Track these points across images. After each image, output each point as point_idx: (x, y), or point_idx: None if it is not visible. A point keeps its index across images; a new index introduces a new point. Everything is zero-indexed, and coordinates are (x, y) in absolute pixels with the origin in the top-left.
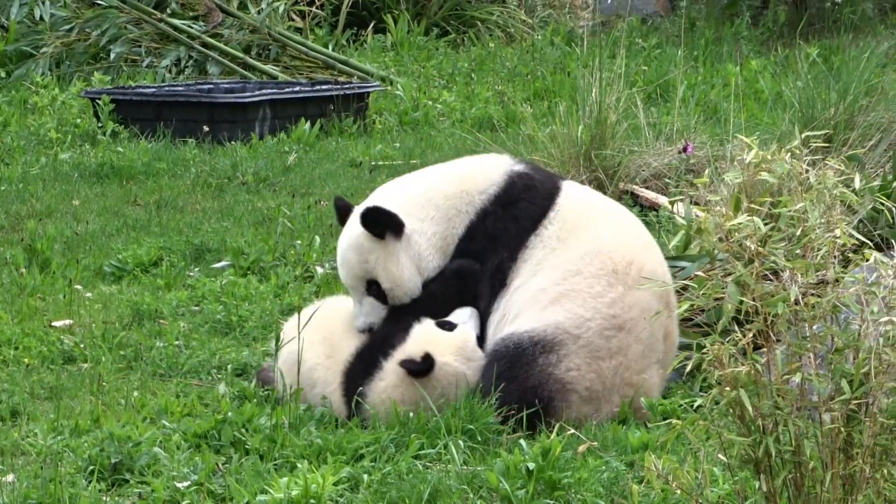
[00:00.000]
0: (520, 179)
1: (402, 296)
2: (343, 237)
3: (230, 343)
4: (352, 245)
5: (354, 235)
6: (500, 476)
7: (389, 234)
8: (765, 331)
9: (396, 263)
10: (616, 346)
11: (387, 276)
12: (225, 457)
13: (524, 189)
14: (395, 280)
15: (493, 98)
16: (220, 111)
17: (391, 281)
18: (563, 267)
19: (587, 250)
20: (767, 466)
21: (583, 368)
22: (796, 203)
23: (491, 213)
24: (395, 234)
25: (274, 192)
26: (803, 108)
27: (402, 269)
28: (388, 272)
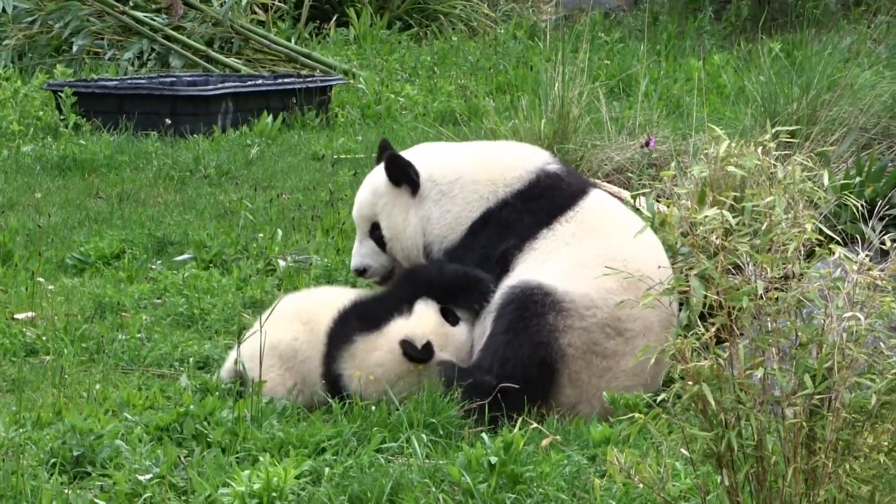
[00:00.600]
0: (547, 179)
1: (400, 250)
2: (369, 174)
3: (192, 336)
4: (370, 183)
5: (375, 175)
6: (463, 470)
7: (405, 186)
8: (728, 325)
9: (403, 217)
10: (611, 350)
11: (390, 224)
12: (187, 450)
13: (547, 188)
14: (395, 231)
15: (455, 92)
16: (183, 104)
17: (391, 230)
18: (575, 259)
19: (603, 252)
20: (729, 461)
21: (578, 352)
22: (763, 197)
23: (510, 204)
24: (410, 189)
25: (236, 186)
26: (766, 103)
27: (406, 225)
28: (391, 221)
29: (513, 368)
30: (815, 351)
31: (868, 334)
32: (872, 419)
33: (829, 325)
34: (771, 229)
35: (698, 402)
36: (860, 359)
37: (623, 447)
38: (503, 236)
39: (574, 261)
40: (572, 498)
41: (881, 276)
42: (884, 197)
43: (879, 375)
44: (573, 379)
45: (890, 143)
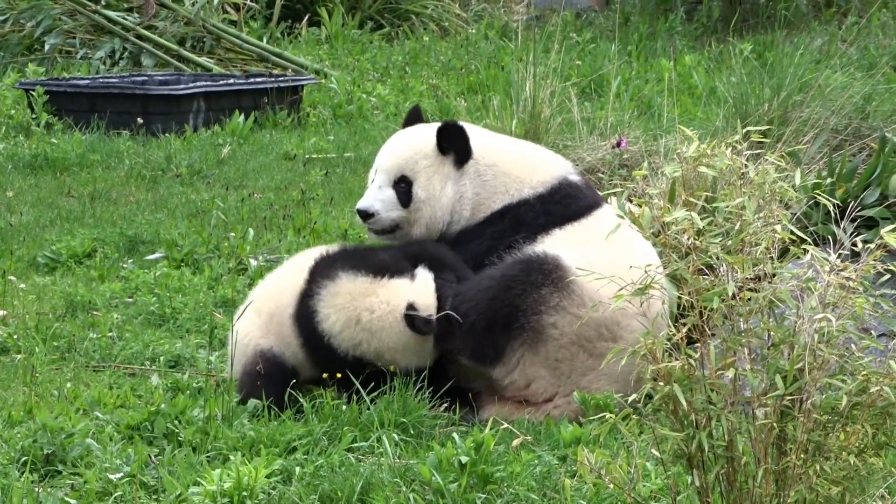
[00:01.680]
0: (567, 188)
1: (427, 215)
2: (410, 130)
3: (164, 334)
4: (411, 140)
5: (420, 135)
6: (433, 469)
7: (451, 156)
8: (700, 325)
9: (441, 185)
10: (600, 351)
11: (428, 187)
12: (158, 448)
13: (566, 196)
14: (431, 195)
15: (427, 92)
16: (155, 103)
17: (428, 192)
18: (587, 256)
19: (610, 256)
20: (700, 461)
21: (563, 339)
22: (735, 198)
23: (530, 204)
24: (457, 160)
25: (208, 185)
26: (737, 104)
27: (442, 194)
28: (430, 185)
29: (475, 313)
30: (787, 352)
31: (839, 335)
32: (843, 420)
33: (801, 325)
34: (743, 230)
35: (669, 402)
36: (831, 360)
37: (593, 447)
38: (515, 230)
39: (586, 257)
40: (543, 498)
41: (853, 277)
42: (855, 198)
43: (850, 376)
44: (553, 366)
45: (861, 145)
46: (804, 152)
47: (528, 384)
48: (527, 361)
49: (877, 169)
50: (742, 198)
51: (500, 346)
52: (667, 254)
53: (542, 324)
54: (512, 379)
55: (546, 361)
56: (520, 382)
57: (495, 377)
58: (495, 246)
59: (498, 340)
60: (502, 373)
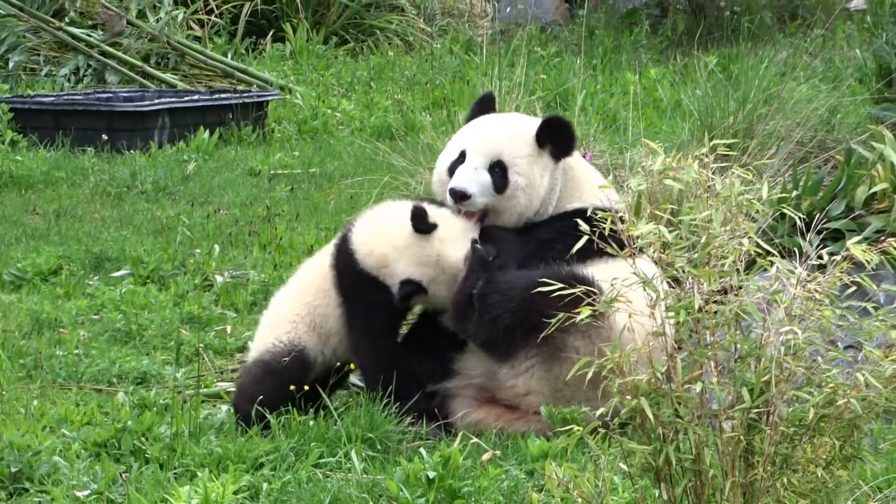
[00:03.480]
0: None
1: (524, 200)
2: (502, 118)
3: (130, 351)
4: (513, 127)
5: (521, 123)
6: (401, 484)
7: (553, 149)
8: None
9: (541, 174)
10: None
11: (529, 174)
12: (125, 465)
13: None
14: (531, 183)
15: (392, 107)
16: (119, 120)
17: (528, 179)
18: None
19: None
20: (668, 475)
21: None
22: (701, 211)
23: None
24: (557, 154)
25: (173, 201)
26: (702, 117)
27: (541, 183)
28: (531, 173)
29: (503, 307)
30: (754, 364)
31: (806, 347)
32: (810, 432)
33: (768, 338)
34: (709, 243)
35: (636, 415)
36: (798, 372)
37: (561, 461)
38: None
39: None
40: None
41: (819, 290)
42: (821, 210)
43: (817, 389)
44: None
45: (826, 157)
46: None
47: (527, 394)
48: (536, 373)
49: (842, 181)
50: (709, 211)
51: (515, 347)
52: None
53: (564, 343)
54: (514, 383)
55: (554, 381)
56: (519, 389)
57: (497, 373)
58: (556, 239)
59: (515, 342)
60: (507, 374)
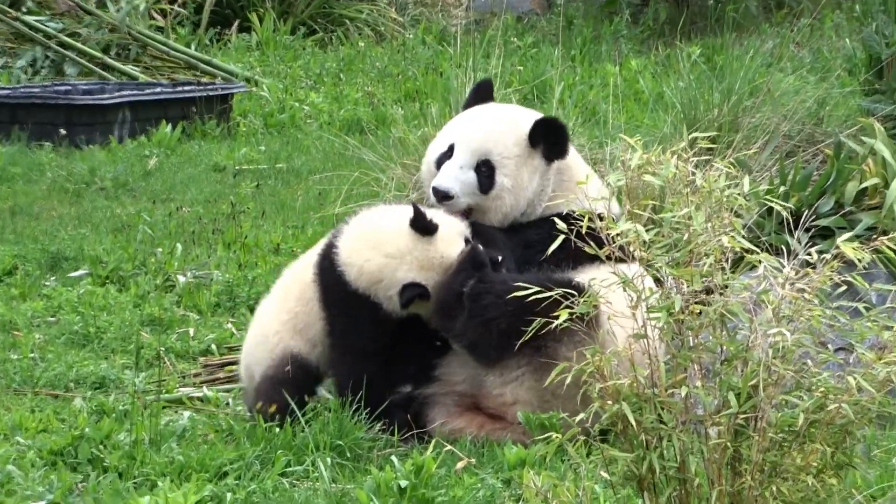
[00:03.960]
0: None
1: (510, 201)
2: (498, 112)
3: (88, 355)
4: (504, 125)
5: (513, 120)
6: (371, 494)
7: (544, 149)
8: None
9: (529, 177)
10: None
11: (516, 176)
12: (82, 475)
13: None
14: (518, 185)
15: (362, 99)
16: (78, 113)
17: (515, 181)
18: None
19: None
20: (651, 483)
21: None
22: (682, 207)
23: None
24: (549, 156)
25: (134, 198)
26: (685, 110)
27: (529, 185)
28: (518, 175)
29: (497, 310)
30: (740, 367)
31: (795, 350)
32: (800, 439)
33: (755, 340)
34: (691, 241)
35: (618, 421)
36: (787, 375)
37: (539, 470)
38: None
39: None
40: None
41: (808, 289)
42: (809, 206)
43: (807, 393)
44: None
45: (815, 151)
46: (754, 159)
47: (514, 403)
48: (525, 383)
49: (832, 176)
50: (689, 207)
51: (505, 353)
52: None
53: (557, 353)
54: (501, 392)
55: (543, 392)
56: (506, 398)
57: (483, 381)
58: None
59: (507, 348)
60: (494, 382)
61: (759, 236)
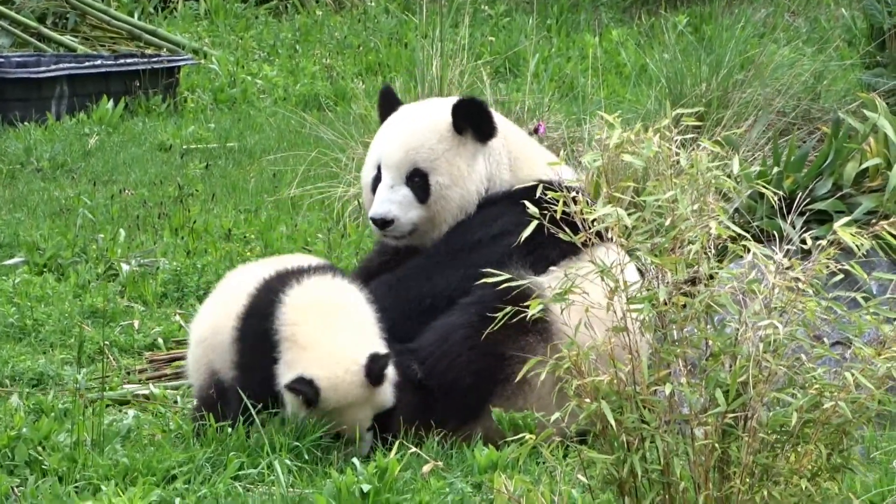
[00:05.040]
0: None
1: (456, 198)
2: (410, 117)
3: (24, 350)
4: (422, 125)
5: (429, 116)
6: (331, 499)
7: (470, 132)
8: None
9: (468, 164)
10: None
11: (451, 171)
12: (19, 478)
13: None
14: (456, 179)
15: (320, 73)
16: (12, 88)
17: (452, 178)
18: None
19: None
20: (633, 488)
21: (545, 389)
22: (665, 190)
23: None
24: (480, 137)
25: (73, 180)
26: (671, 84)
27: (471, 172)
28: (453, 168)
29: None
30: (728, 363)
31: (788, 344)
32: (793, 440)
33: (744, 333)
34: (675, 226)
35: (597, 421)
36: (779, 372)
37: (512, 473)
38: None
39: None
40: None
41: (802, 278)
42: (805, 189)
43: (801, 390)
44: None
45: (811, 129)
46: (744, 136)
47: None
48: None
49: (829, 156)
50: (674, 190)
51: (483, 402)
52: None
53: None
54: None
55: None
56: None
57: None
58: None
59: (482, 397)
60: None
61: (750, 221)
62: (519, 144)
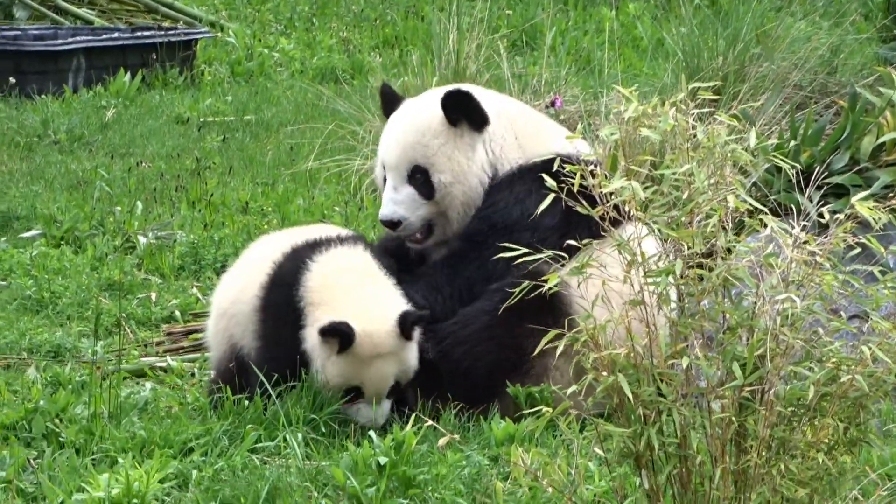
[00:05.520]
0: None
1: (460, 194)
2: (405, 115)
3: (42, 322)
4: (415, 122)
5: (422, 113)
6: (348, 472)
7: (465, 124)
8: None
9: (467, 156)
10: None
11: (452, 167)
12: (36, 450)
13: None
14: (458, 174)
15: (337, 46)
16: (29, 61)
17: (453, 174)
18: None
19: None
20: (649, 461)
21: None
22: (682, 163)
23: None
24: (474, 125)
25: (90, 153)
26: (688, 58)
27: (471, 164)
28: (453, 164)
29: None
30: (745, 336)
31: (805, 317)
32: (810, 413)
33: (761, 307)
34: (691, 199)
35: (613, 394)
36: (796, 345)
37: (529, 446)
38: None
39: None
40: (472, 503)
41: (819, 252)
42: (822, 163)
43: (818, 364)
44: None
45: (828, 103)
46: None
47: None
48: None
49: (846, 130)
50: (690, 164)
51: (497, 391)
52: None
53: (546, 368)
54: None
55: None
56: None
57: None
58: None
59: (497, 386)
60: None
61: (767, 195)
62: (523, 121)
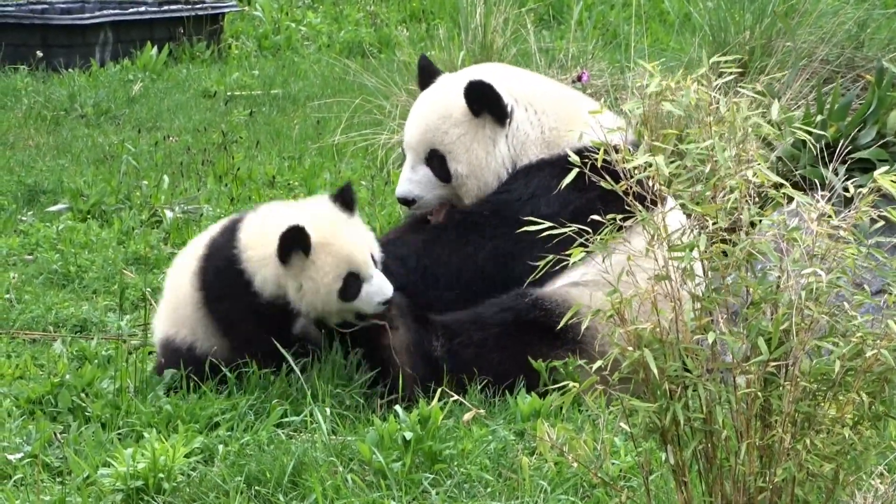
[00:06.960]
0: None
1: (475, 187)
2: (432, 95)
3: (68, 296)
4: (438, 107)
5: (445, 100)
6: (374, 447)
7: (487, 115)
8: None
9: (486, 149)
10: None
11: (469, 158)
12: (62, 425)
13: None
14: (475, 166)
15: (364, 20)
16: (56, 34)
17: (470, 166)
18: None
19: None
20: (675, 436)
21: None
22: (705, 137)
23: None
24: (496, 119)
25: (117, 126)
26: (714, 32)
27: (490, 158)
28: (471, 155)
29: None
30: (770, 311)
31: (829, 292)
32: (835, 388)
33: (786, 281)
34: (714, 173)
35: (639, 370)
36: (821, 320)
37: (555, 421)
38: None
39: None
40: (498, 478)
41: (843, 226)
42: (848, 137)
43: (843, 339)
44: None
45: (855, 77)
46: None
47: None
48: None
49: (873, 104)
50: (713, 138)
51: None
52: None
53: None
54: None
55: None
56: None
57: None
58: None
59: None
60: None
61: (792, 169)
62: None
